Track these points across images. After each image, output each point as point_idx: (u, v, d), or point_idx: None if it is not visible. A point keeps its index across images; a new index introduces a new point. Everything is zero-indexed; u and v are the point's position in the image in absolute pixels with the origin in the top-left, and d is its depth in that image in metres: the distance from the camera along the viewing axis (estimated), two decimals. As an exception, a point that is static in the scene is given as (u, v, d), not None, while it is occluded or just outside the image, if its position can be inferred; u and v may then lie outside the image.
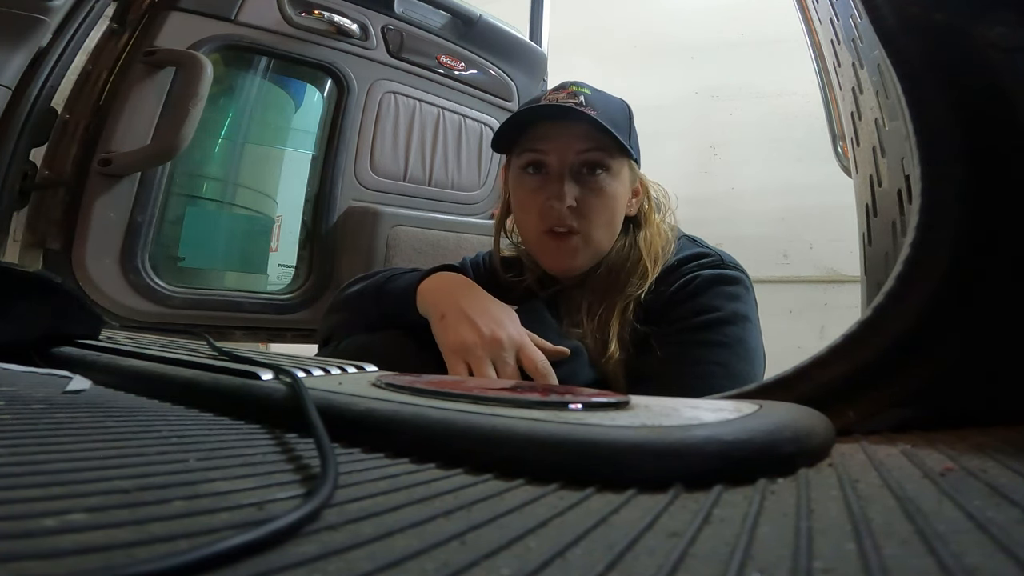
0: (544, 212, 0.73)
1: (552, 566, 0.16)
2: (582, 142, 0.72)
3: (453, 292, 0.69)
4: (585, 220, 0.73)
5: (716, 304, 0.69)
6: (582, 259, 0.75)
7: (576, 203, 0.72)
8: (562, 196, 0.72)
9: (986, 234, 0.34)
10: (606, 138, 0.71)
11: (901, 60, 0.36)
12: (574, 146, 0.72)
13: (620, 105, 0.78)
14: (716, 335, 0.68)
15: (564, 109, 0.72)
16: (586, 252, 0.75)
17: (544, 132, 0.74)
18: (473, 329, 0.64)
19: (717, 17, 2.62)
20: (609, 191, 0.74)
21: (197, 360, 0.44)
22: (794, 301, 2.32)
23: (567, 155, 0.73)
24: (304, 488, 0.22)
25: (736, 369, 0.66)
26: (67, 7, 0.95)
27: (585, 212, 0.73)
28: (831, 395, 0.35)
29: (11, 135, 0.92)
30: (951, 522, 0.19)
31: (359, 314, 0.78)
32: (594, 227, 0.74)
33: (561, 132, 0.73)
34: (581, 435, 0.26)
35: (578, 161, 0.73)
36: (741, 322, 0.69)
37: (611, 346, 0.70)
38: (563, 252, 0.74)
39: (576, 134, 0.72)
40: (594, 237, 0.74)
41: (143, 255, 1.09)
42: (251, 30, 1.21)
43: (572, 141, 0.73)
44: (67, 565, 0.14)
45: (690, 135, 2.55)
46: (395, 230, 1.32)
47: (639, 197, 0.80)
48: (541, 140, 0.74)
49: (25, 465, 0.21)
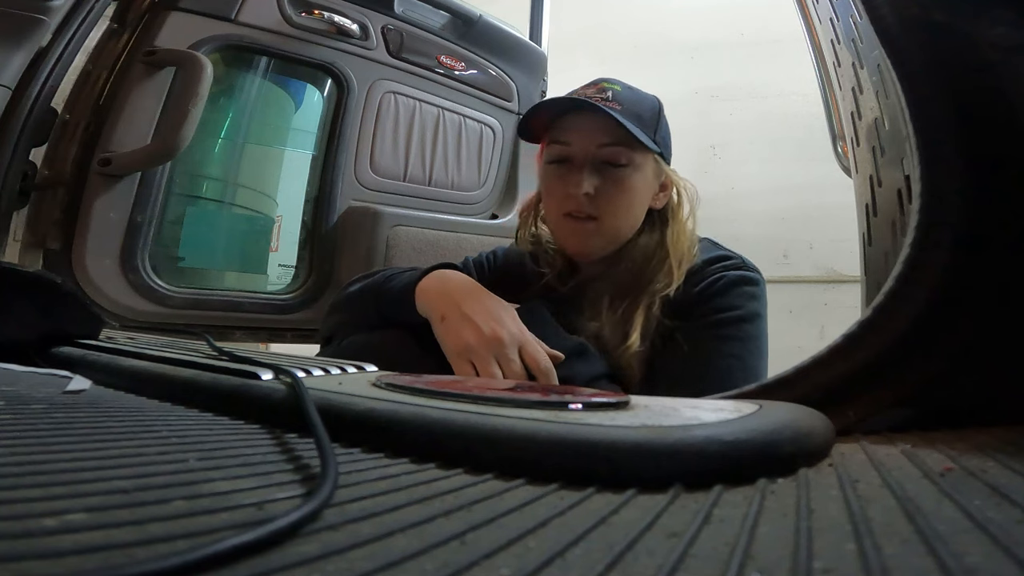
0: (564, 198, 0.77)
1: (552, 566, 0.16)
2: (603, 136, 0.76)
3: (451, 292, 0.70)
4: (601, 209, 0.76)
5: (738, 303, 0.74)
6: (598, 243, 0.79)
7: (594, 192, 0.75)
8: (580, 184, 0.75)
9: (986, 234, 0.34)
10: (627, 133, 0.74)
11: (901, 60, 0.36)
12: (595, 139, 0.76)
13: (651, 102, 0.81)
14: (736, 331, 0.72)
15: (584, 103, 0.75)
16: (601, 237, 0.78)
17: (570, 124, 0.78)
18: (474, 329, 0.65)
19: (717, 17, 2.62)
20: (628, 184, 0.77)
21: (197, 360, 0.44)
22: (794, 301, 2.32)
23: (588, 148, 0.76)
24: (304, 488, 0.22)
25: (750, 363, 0.71)
26: (67, 7, 0.95)
27: (602, 202, 0.76)
28: (831, 395, 0.35)
29: (11, 135, 0.92)
30: (951, 522, 0.19)
31: (359, 314, 0.78)
32: (609, 215, 0.77)
33: (584, 125, 0.77)
34: (581, 435, 0.25)
35: (599, 155, 0.76)
36: (758, 320, 0.74)
37: (632, 337, 0.73)
38: (579, 234, 0.78)
39: (598, 128, 0.76)
40: (608, 224, 0.77)
41: (143, 255, 1.09)
42: (251, 30, 1.21)
43: (594, 135, 0.76)
44: (67, 565, 0.14)
45: (690, 135, 2.54)
46: (395, 230, 1.32)
47: (667, 191, 0.82)
48: (566, 132, 0.78)
49: (25, 465, 0.21)
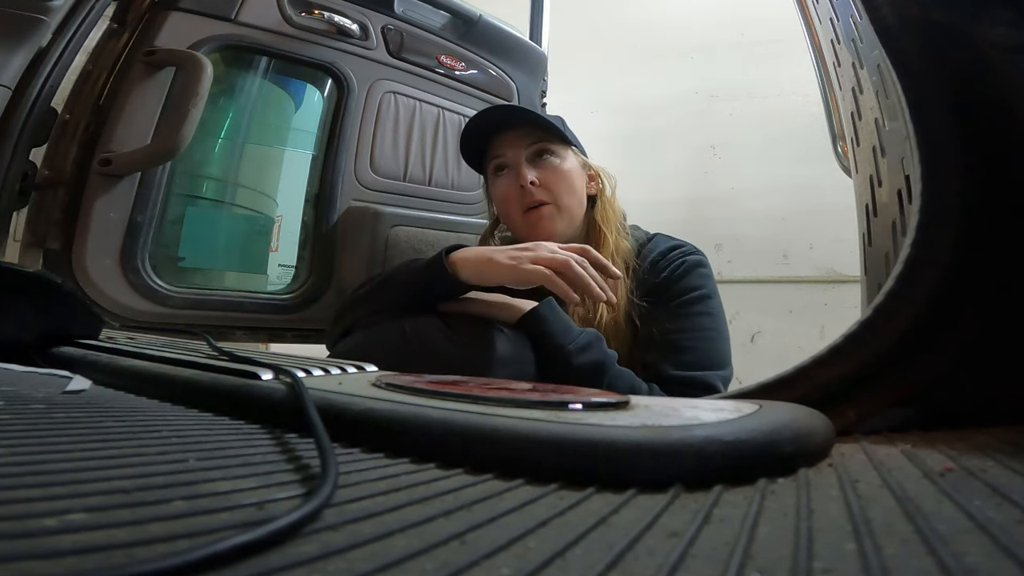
0: (517, 197, 0.91)
1: (552, 566, 0.16)
2: (527, 138, 0.93)
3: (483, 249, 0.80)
4: (549, 192, 0.91)
5: (700, 283, 0.88)
6: (559, 224, 0.91)
7: (538, 181, 0.90)
8: (524, 177, 0.90)
9: (986, 234, 0.34)
10: (545, 132, 0.92)
11: (901, 60, 0.36)
12: (522, 142, 0.92)
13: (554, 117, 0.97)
14: (706, 307, 0.87)
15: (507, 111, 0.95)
16: (561, 218, 0.91)
17: (498, 140, 0.94)
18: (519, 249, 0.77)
19: (717, 17, 2.61)
20: (562, 168, 0.92)
21: (197, 360, 0.44)
22: (794, 301, 2.32)
23: (519, 149, 0.92)
24: (304, 488, 0.22)
25: (722, 331, 0.87)
26: (67, 7, 0.95)
27: (547, 186, 0.91)
28: (831, 395, 0.35)
29: (11, 135, 0.92)
30: (951, 522, 0.19)
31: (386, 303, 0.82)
32: (559, 195, 0.91)
33: (509, 134, 0.93)
34: (581, 435, 0.25)
35: (529, 152, 0.92)
36: (717, 296, 0.90)
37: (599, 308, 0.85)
38: (542, 220, 0.90)
39: (521, 133, 0.93)
40: (563, 204, 0.91)
41: (143, 255, 1.09)
42: (251, 30, 1.21)
43: (519, 138, 0.93)
44: (67, 565, 0.14)
45: (690, 135, 2.55)
46: (395, 230, 1.32)
47: (595, 181, 0.97)
48: (498, 146, 0.94)
49: (25, 465, 0.21)
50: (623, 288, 0.87)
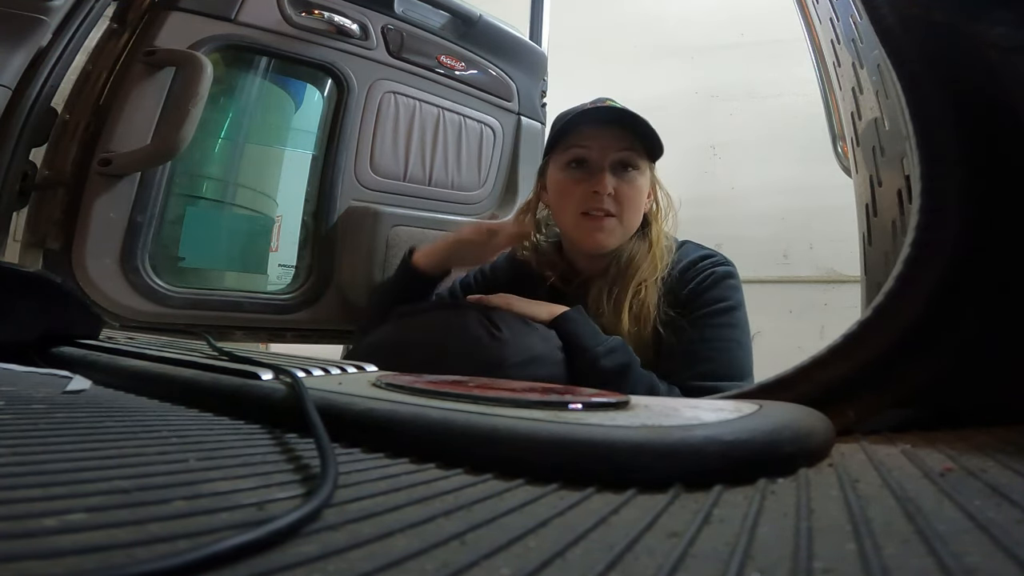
0: (584, 198, 0.88)
1: (552, 566, 0.16)
2: (621, 142, 0.88)
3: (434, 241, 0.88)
4: (621, 206, 0.89)
5: (728, 295, 0.87)
6: (615, 238, 0.90)
7: (614, 192, 0.88)
8: (604, 184, 0.87)
9: (986, 234, 0.34)
10: (638, 141, 0.88)
11: (901, 60, 0.36)
12: (615, 144, 0.88)
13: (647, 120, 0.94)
14: (731, 319, 0.86)
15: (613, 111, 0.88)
16: (618, 232, 0.90)
17: (589, 133, 0.89)
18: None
19: (717, 17, 2.61)
20: (638, 185, 0.90)
21: (197, 360, 0.44)
22: (794, 301, 2.32)
23: (608, 152, 0.88)
24: (304, 488, 0.22)
25: (744, 343, 0.86)
26: (67, 7, 0.94)
27: (621, 200, 0.89)
28: (831, 395, 0.35)
29: (11, 135, 0.92)
30: (951, 522, 0.19)
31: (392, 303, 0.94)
32: (627, 212, 0.89)
33: (603, 133, 0.89)
34: (581, 435, 0.25)
35: (616, 158, 0.88)
36: (743, 307, 0.89)
37: (624, 320, 0.86)
38: (599, 230, 0.89)
39: (616, 135, 0.88)
40: (626, 220, 0.90)
41: (143, 255, 1.09)
42: (251, 30, 1.21)
43: (613, 140, 0.88)
44: (67, 565, 0.14)
45: (690, 135, 2.54)
46: (395, 230, 1.32)
47: (652, 197, 0.95)
48: (586, 139, 0.89)
49: (25, 465, 0.21)
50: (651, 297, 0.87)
